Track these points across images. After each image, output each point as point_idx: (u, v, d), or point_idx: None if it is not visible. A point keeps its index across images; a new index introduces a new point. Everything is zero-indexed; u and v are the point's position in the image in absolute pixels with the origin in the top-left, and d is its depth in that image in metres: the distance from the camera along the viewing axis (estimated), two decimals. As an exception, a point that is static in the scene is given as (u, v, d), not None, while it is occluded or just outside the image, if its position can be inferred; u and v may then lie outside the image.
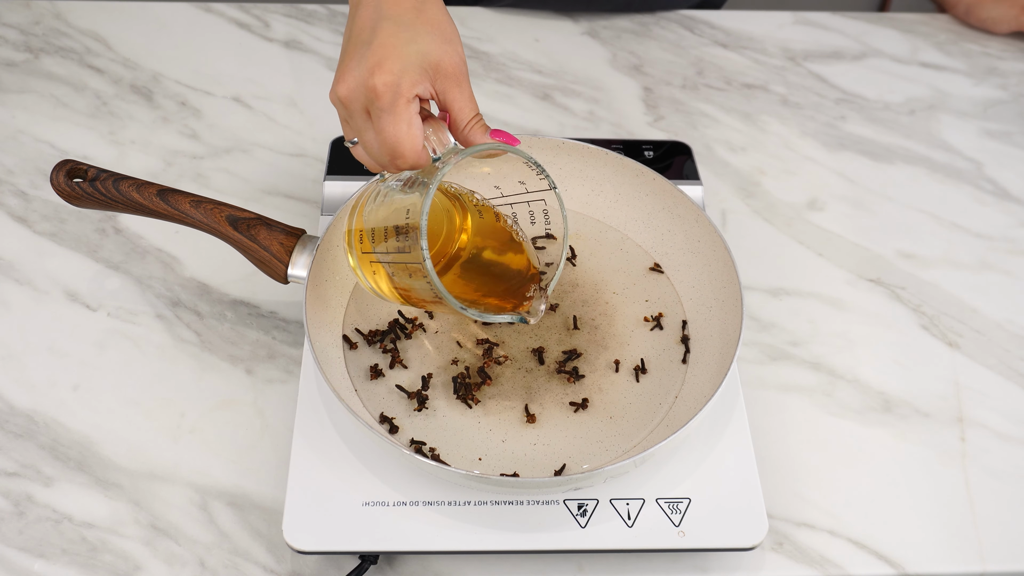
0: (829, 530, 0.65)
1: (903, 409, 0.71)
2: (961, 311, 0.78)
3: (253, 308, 0.74)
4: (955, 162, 0.90)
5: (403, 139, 0.55)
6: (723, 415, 0.66)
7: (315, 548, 0.59)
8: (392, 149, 0.56)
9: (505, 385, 0.66)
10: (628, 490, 0.62)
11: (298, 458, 0.63)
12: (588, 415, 0.65)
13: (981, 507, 0.66)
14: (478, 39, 0.97)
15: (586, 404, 0.66)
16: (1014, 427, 0.71)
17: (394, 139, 0.55)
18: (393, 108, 0.55)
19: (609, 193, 0.75)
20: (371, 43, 0.56)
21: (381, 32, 0.56)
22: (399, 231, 0.58)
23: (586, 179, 0.75)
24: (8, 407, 0.68)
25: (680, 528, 0.61)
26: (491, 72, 0.94)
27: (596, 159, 0.74)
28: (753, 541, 0.61)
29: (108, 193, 0.68)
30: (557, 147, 0.74)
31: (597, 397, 0.66)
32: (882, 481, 0.67)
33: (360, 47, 0.56)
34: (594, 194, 0.75)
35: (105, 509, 0.63)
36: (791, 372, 0.73)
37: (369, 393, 0.66)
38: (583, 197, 0.76)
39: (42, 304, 0.74)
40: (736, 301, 0.67)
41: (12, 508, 0.63)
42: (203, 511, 0.64)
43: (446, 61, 0.56)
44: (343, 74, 0.56)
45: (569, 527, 0.61)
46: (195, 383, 0.70)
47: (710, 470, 0.64)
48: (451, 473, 0.58)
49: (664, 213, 0.73)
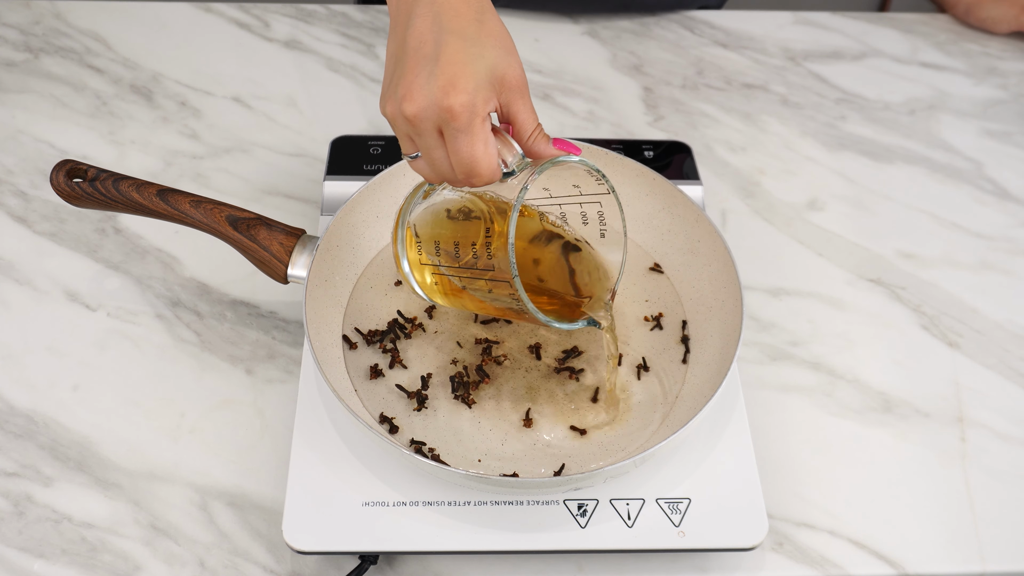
0: (829, 530, 0.65)
1: (903, 409, 0.71)
2: (961, 311, 0.78)
3: (253, 308, 0.74)
4: (955, 162, 0.90)
5: (480, 159, 0.55)
6: (723, 415, 0.66)
7: (315, 548, 0.59)
8: (469, 169, 0.55)
9: (505, 385, 0.66)
10: (628, 490, 0.62)
11: (298, 458, 0.63)
12: (588, 415, 0.65)
13: (981, 507, 0.66)
14: (478, 39, 0.97)
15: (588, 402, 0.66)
16: (1014, 427, 0.71)
17: (471, 159, 0.55)
18: (470, 129, 0.54)
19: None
20: (438, 59, 0.54)
21: (448, 48, 0.54)
22: (474, 247, 0.58)
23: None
24: (8, 407, 0.68)
25: (680, 528, 0.61)
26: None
27: (596, 159, 0.74)
28: (753, 541, 0.61)
29: (108, 193, 0.68)
30: None
31: (597, 397, 0.66)
32: (882, 481, 0.67)
33: (425, 63, 0.54)
34: None
35: (105, 509, 0.63)
36: (791, 372, 0.73)
37: (369, 393, 0.66)
38: None
39: (42, 304, 0.74)
40: (736, 301, 0.67)
41: (12, 508, 0.63)
42: (203, 511, 0.64)
43: (510, 74, 0.55)
44: (411, 92, 0.54)
45: (569, 527, 0.61)
46: (195, 383, 0.70)
47: (710, 470, 0.64)
48: (451, 473, 0.58)
49: (664, 213, 0.73)
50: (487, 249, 0.58)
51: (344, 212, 0.70)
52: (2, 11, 0.97)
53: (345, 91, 0.92)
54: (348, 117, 0.89)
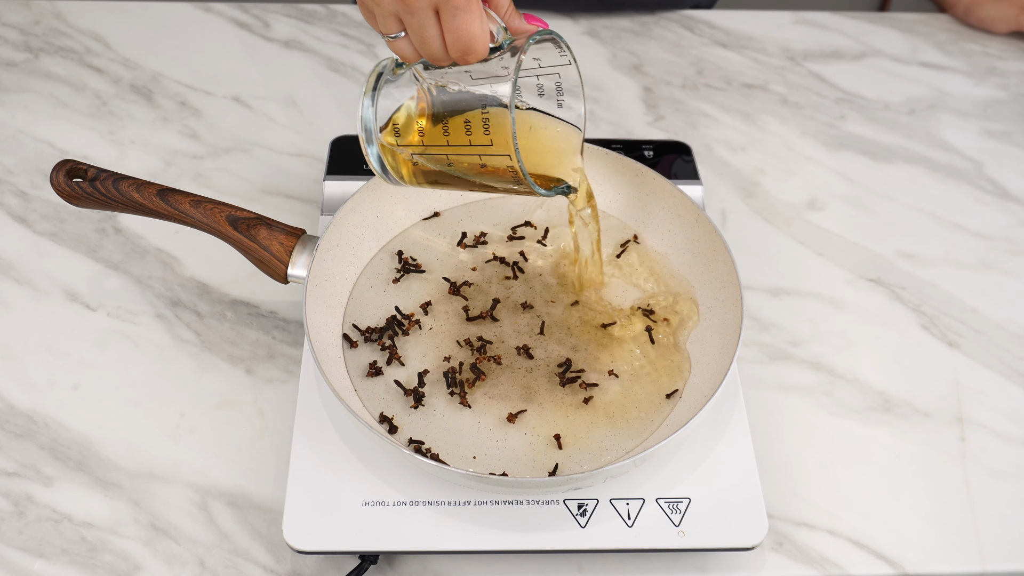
0: (829, 530, 0.65)
1: (903, 409, 0.71)
2: (961, 311, 0.78)
3: (253, 308, 0.74)
4: (955, 162, 0.90)
5: (477, 35, 0.57)
6: (723, 415, 0.66)
7: (315, 548, 0.59)
8: (466, 46, 0.57)
9: (504, 384, 0.66)
10: (628, 490, 0.62)
11: (298, 458, 0.63)
12: (587, 415, 0.65)
13: (981, 507, 0.66)
14: (478, 39, 0.97)
15: (588, 402, 0.66)
16: (1014, 427, 0.71)
17: (469, 36, 0.57)
18: (468, 5, 0.56)
19: (609, 192, 0.75)
20: None
21: None
22: (468, 124, 0.60)
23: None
24: (8, 407, 0.68)
25: (680, 528, 0.61)
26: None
27: (596, 158, 0.74)
28: (753, 541, 0.61)
29: (108, 193, 0.68)
30: None
31: (597, 397, 0.66)
32: (882, 481, 0.67)
33: None
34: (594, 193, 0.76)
35: (105, 509, 0.63)
36: (791, 372, 0.73)
37: (369, 392, 0.66)
38: None
39: (42, 304, 0.74)
40: (736, 301, 0.67)
41: (12, 508, 0.63)
42: (203, 511, 0.64)
43: None
44: None
45: (569, 527, 0.61)
46: (195, 383, 0.70)
47: (710, 470, 0.64)
48: (451, 473, 0.58)
49: (664, 213, 0.73)
50: (484, 126, 0.59)
51: (344, 212, 0.70)
52: (2, 11, 0.97)
53: (345, 91, 0.92)
54: (348, 117, 0.89)
